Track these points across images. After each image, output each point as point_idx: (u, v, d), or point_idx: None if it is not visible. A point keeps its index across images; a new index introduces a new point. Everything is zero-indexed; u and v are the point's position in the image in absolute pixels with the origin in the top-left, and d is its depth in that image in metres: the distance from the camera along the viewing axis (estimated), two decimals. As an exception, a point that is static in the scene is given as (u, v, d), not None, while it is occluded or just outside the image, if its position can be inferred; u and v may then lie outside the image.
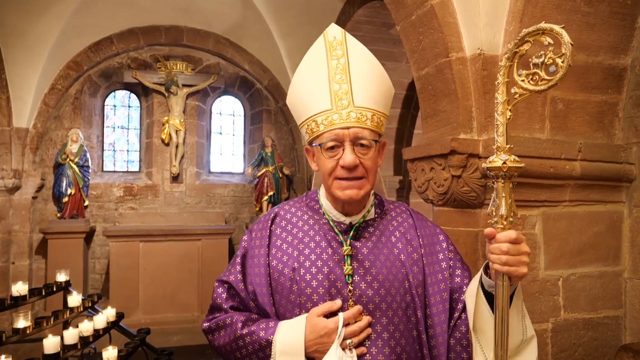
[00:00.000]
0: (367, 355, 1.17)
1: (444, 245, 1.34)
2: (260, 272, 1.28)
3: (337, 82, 1.22)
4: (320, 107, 1.22)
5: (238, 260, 1.36)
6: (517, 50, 1.03)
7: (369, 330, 1.18)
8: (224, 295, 1.34)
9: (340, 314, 1.15)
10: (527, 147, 2.16)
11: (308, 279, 1.23)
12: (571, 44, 0.95)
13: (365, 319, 1.18)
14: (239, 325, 1.24)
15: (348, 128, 1.19)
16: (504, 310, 1.07)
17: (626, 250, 2.43)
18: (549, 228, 2.28)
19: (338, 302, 1.17)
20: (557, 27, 0.96)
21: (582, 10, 2.18)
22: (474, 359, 1.18)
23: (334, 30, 1.29)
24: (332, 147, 1.20)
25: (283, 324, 1.21)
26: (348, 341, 1.13)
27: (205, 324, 1.33)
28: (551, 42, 0.98)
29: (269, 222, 1.35)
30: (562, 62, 0.96)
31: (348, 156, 1.17)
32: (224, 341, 1.27)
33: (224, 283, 1.35)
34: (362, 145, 1.20)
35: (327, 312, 1.17)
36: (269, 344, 1.18)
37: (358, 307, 1.18)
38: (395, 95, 5.35)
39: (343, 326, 1.14)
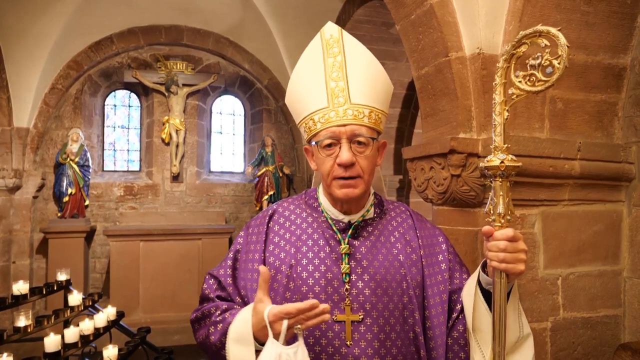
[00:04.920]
0: (363, 356, 1.16)
1: (444, 246, 1.34)
2: (254, 267, 1.28)
3: (334, 80, 1.22)
4: (317, 105, 1.22)
5: (230, 255, 1.36)
6: (514, 52, 1.04)
7: (325, 314, 1.02)
8: (214, 287, 1.34)
9: (267, 308, 1.04)
10: (527, 146, 2.16)
11: (304, 277, 1.22)
12: (567, 46, 0.96)
13: (310, 303, 1.02)
14: (218, 313, 1.23)
15: (345, 125, 1.18)
16: (502, 308, 1.08)
17: (625, 249, 2.43)
18: (548, 227, 2.28)
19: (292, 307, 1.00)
20: (553, 30, 0.97)
21: (582, 10, 2.19)
22: (472, 357, 1.18)
23: (330, 29, 1.28)
24: (329, 145, 1.20)
25: (241, 311, 1.16)
26: (296, 327, 1.03)
27: (193, 315, 1.31)
28: (548, 44, 0.99)
29: (267, 218, 1.35)
30: (559, 63, 0.98)
31: (344, 154, 1.17)
32: (202, 332, 1.25)
33: (213, 277, 1.36)
34: (359, 142, 1.19)
35: (290, 311, 1.02)
36: (227, 329, 1.15)
37: (308, 302, 1.02)
38: (395, 94, 5.30)
39: (277, 320, 1.03)
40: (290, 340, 1.04)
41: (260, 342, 1.07)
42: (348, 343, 1.18)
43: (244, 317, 1.12)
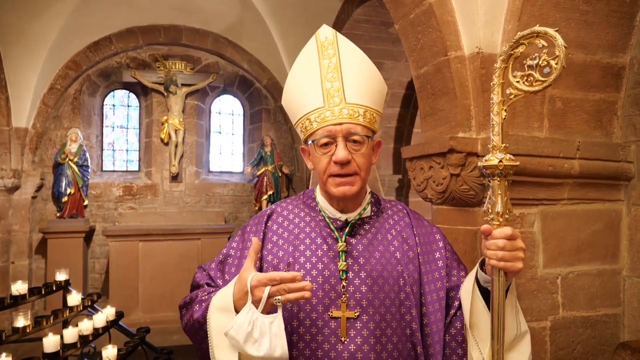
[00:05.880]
0: (359, 352, 1.18)
1: (441, 244, 1.36)
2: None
3: (329, 80, 1.24)
4: (313, 105, 1.24)
5: (224, 251, 1.39)
6: (512, 52, 1.06)
7: (306, 291, 1.03)
8: (206, 277, 1.36)
9: (251, 274, 1.06)
10: (526, 145, 2.16)
11: (302, 275, 1.22)
12: (565, 47, 0.97)
13: (294, 275, 1.04)
14: (205, 294, 1.25)
15: (340, 124, 1.21)
16: (500, 305, 1.09)
17: (624, 248, 2.43)
18: (548, 226, 2.28)
19: (293, 274, 1.03)
20: (550, 30, 0.99)
21: (581, 9, 2.18)
22: (469, 354, 1.19)
23: (325, 31, 1.31)
24: (325, 144, 1.22)
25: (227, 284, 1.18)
26: (276, 299, 1.03)
27: (181, 302, 1.33)
28: (545, 44, 1.01)
29: (265, 217, 1.37)
30: (556, 63, 0.99)
31: (340, 152, 1.19)
32: (189, 313, 1.25)
33: (204, 270, 1.39)
34: (354, 141, 1.21)
35: (274, 278, 1.03)
36: (209, 302, 1.17)
37: (292, 273, 1.04)
38: (394, 94, 5.30)
39: (259, 286, 1.03)
40: (270, 312, 1.06)
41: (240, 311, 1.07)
42: (343, 339, 1.19)
43: (227, 287, 1.14)
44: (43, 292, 3.35)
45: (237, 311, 1.08)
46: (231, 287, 1.12)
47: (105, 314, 3.24)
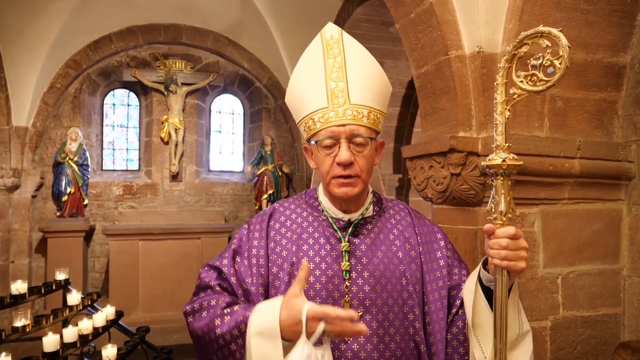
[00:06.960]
0: (362, 352, 1.18)
1: (442, 243, 1.36)
2: (259, 262, 1.28)
3: (334, 80, 1.23)
4: (317, 105, 1.24)
5: (233, 247, 1.33)
6: (516, 52, 1.06)
7: (363, 332, 1.01)
8: (215, 276, 1.30)
9: (305, 305, 1.00)
10: (527, 145, 2.16)
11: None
12: (568, 47, 0.98)
13: (360, 326, 1.01)
14: (223, 305, 1.17)
15: (344, 125, 1.20)
16: (503, 304, 1.09)
17: (625, 248, 2.43)
18: (548, 226, 2.28)
19: (349, 312, 1.00)
20: (554, 30, 0.99)
21: (582, 8, 2.18)
22: (472, 353, 1.19)
23: (330, 29, 1.30)
24: (328, 145, 1.22)
25: (261, 303, 1.12)
26: (328, 334, 0.99)
27: (188, 306, 1.25)
28: (549, 44, 1.01)
29: (267, 216, 1.36)
30: (560, 63, 0.99)
31: (343, 153, 1.19)
32: (202, 323, 1.18)
33: (212, 267, 1.32)
34: (358, 142, 1.21)
35: (329, 314, 0.99)
36: (244, 320, 1.08)
37: (348, 312, 1.01)
38: (394, 93, 5.28)
39: (314, 319, 0.99)
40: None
41: (283, 338, 1.03)
42: (346, 339, 1.19)
43: (270, 311, 1.06)
44: (43, 292, 3.34)
45: (283, 338, 1.02)
46: (276, 311, 1.03)
47: (105, 313, 3.24)
